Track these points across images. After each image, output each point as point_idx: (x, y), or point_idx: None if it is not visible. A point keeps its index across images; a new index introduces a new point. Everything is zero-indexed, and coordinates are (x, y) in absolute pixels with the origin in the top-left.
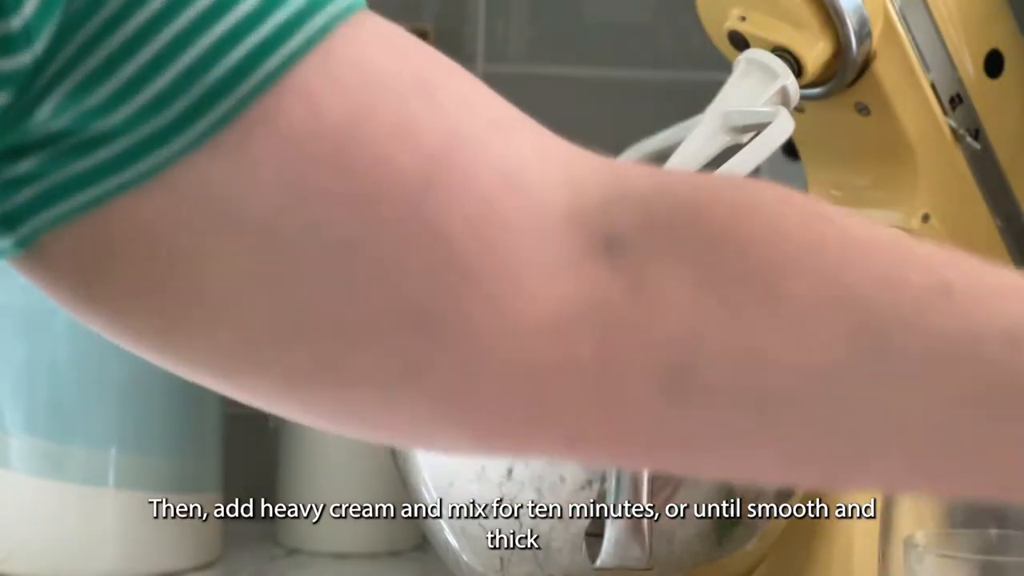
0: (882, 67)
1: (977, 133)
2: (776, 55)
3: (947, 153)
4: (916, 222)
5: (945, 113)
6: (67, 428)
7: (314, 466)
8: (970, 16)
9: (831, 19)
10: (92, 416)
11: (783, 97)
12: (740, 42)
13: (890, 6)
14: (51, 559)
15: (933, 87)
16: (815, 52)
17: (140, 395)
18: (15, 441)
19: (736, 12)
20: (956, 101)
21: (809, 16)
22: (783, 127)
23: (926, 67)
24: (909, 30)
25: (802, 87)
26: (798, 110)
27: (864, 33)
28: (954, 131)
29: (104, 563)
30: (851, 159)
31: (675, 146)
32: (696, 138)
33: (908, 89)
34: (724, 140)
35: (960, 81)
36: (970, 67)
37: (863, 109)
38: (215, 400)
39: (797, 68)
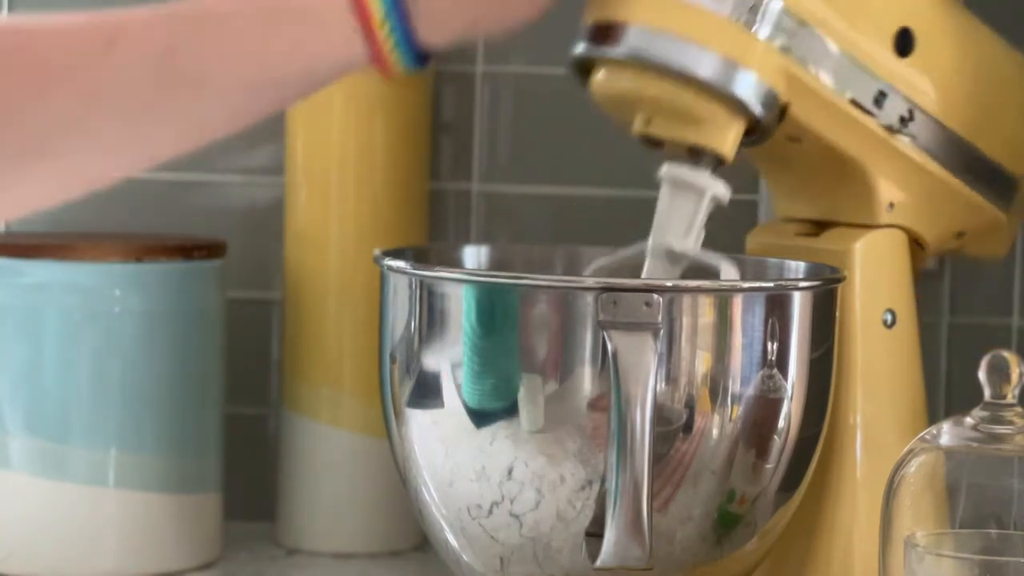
0: (799, 109)
1: (912, 113)
2: (693, 158)
3: (890, 148)
4: (884, 213)
5: (873, 115)
6: (67, 428)
7: (314, 466)
8: (869, 9)
9: (735, 103)
10: (92, 416)
11: (717, 202)
12: (655, 142)
13: (787, 62)
14: (51, 559)
15: (854, 102)
16: (729, 140)
17: (140, 395)
18: (15, 441)
19: (641, 117)
20: (881, 98)
21: (711, 110)
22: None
23: (842, 89)
24: (814, 69)
25: None
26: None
27: (771, 101)
28: (888, 127)
29: (104, 563)
30: (806, 178)
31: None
32: (653, 269)
33: (830, 116)
34: (675, 272)
35: (878, 79)
36: (884, 61)
37: (795, 139)
38: (215, 400)
39: (718, 161)
